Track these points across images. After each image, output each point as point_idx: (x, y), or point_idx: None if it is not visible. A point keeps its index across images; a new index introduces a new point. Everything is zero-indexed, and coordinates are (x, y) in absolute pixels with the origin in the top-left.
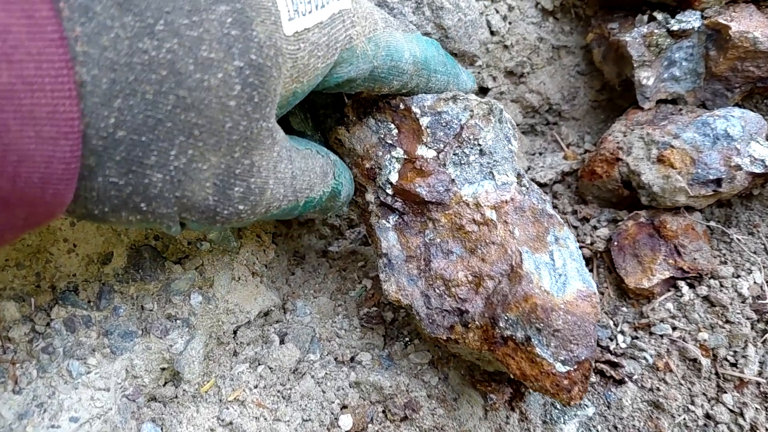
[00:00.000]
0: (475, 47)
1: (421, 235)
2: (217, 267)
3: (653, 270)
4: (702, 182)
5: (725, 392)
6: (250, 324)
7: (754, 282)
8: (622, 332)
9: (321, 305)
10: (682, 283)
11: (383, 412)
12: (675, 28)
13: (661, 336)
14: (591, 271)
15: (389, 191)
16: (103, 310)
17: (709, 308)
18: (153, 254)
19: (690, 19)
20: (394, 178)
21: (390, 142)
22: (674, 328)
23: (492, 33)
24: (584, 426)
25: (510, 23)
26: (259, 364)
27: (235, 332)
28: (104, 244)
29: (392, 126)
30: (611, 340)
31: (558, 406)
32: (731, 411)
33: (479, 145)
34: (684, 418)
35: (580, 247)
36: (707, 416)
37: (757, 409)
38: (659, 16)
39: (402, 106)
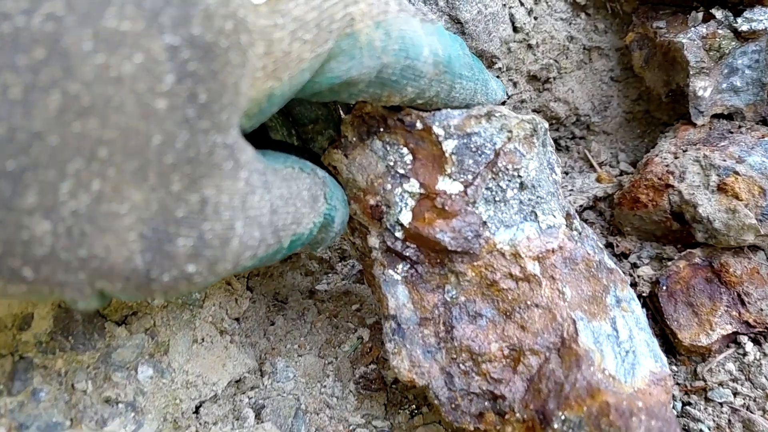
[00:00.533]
0: (496, 46)
1: (440, 292)
2: (173, 327)
3: (712, 323)
4: None
5: None
6: (216, 398)
7: None
8: (672, 397)
9: (307, 366)
10: (744, 339)
11: None
12: (744, 28)
13: (721, 404)
14: None
15: (399, 235)
16: (18, 394)
17: None
18: (88, 313)
19: (762, 18)
20: (406, 218)
21: (402, 171)
22: (736, 394)
23: (515, 29)
24: None
25: (536, 18)
26: None
27: (197, 409)
28: (22, 302)
29: (405, 151)
30: None
31: None
32: None
33: (519, 176)
34: None
35: None
36: None
37: None
38: (718, 13)
39: (419, 126)
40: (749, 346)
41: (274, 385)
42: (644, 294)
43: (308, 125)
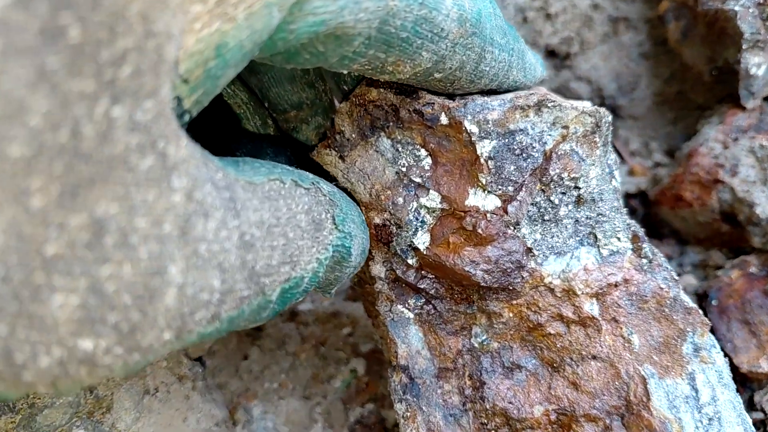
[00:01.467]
0: (509, 15)
1: (466, 336)
2: (117, 378)
3: None
4: None
5: None
6: None
7: None
8: None
9: (290, 411)
10: None
11: None
12: None
13: None
14: None
15: (412, 262)
16: None
17: None
18: None
19: None
20: (422, 242)
21: (418, 180)
22: None
23: None
24: None
25: None
26: None
27: None
28: None
29: (423, 153)
30: None
31: None
32: None
33: (577, 188)
34: None
35: None
36: None
37: None
38: None
39: (444, 120)
40: None
41: None
42: None
43: (289, 112)
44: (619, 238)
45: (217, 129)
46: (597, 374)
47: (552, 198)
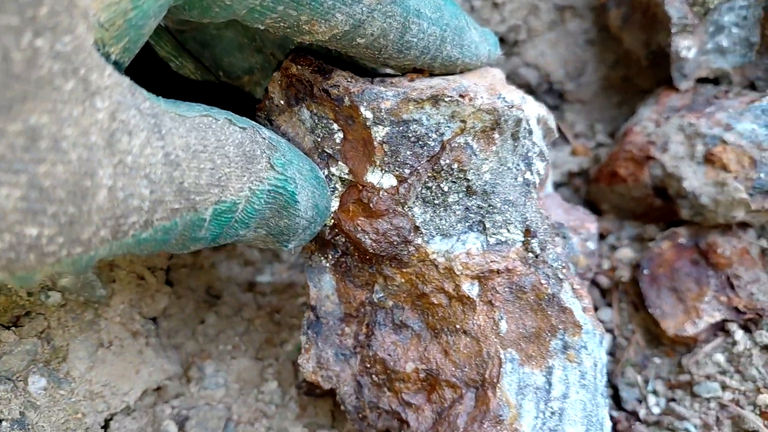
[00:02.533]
0: (457, 2)
1: (369, 290)
2: (72, 330)
3: (699, 310)
4: (766, 191)
5: None
6: (130, 409)
7: None
8: (654, 392)
9: (241, 370)
10: (734, 327)
11: None
12: None
13: (708, 399)
14: (610, 306)
15: (328, 222)
16: None
17: None
18: None
19: None
20: (334, 205)
21: (329, 151)
22: (725, 388)
23: None
24: None
25: None
26: None
27: (106, 424)
28: None
29: (335, 127)
30: (640, 402)
31: None
32: None
33: (466, 180)
34: None
35: (596, 273)
36: None
37: None
38: None
39: (347, 102)
40: (739, 334)
41: (201, 392)
42: (623, 279)
43: (243, 77)
44: (509, 230)
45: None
46: (464, 347)
47: (442, 185)
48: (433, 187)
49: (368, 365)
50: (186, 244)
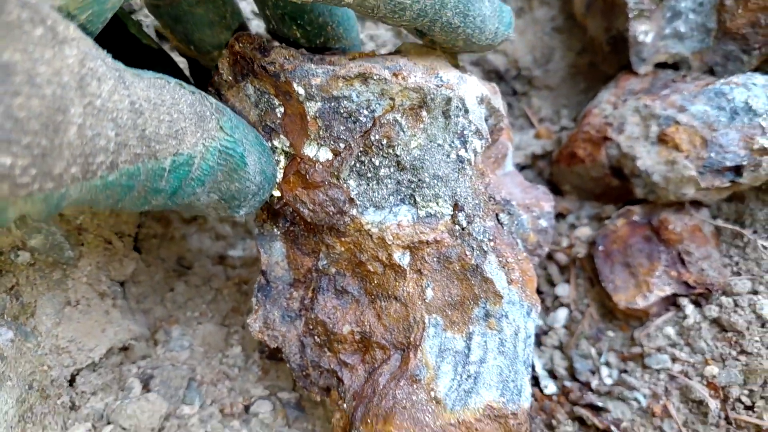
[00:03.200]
0: None
1: (315, 258)
2: (40, 288)
3: (650, 284)
4: (716, 170)
5: None
6: (95, 366)
7: None
8: (607, 364)
9: (207, 334)
10: (685, 301)
11: None
12: None
13: (658, 370)
14: (568, 282)
15: (275, 193)
16: None
17: (720, 334)
18: None
19: None
20: (278, 177)
21: (272, 125)
22: (675, 360)
23: None
24: None
25: None
26: (107, 423)
27: (72, 379)
28: None
29: (276, 102)
30: (593, 374)
31: None
32: None
33: (396, 155)
34: None
35: (554, 251)
36: None
37: None
38: None
39: (283, 78)
40: (689, 309)
41: (166, 354)
42: (579, 256)
43: (212, 52)
44: (438, 204)
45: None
46: (394, 312)
47: (373, 160)
48: (366, 161)
49: (311, 327)
50: (147, 198)
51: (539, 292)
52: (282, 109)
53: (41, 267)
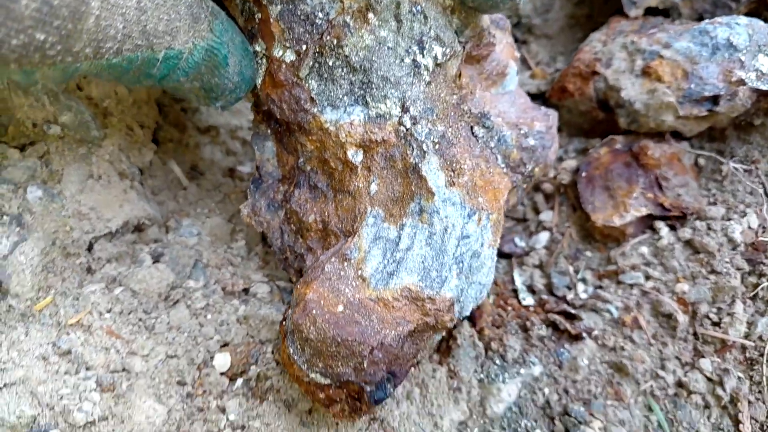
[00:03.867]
0: None
1: (296, 156)
2: (68, 158)
3: (627, 205)
4: (695, 99)
5: (703, 356)
6: (112, 237)
7: (748, 226)
8: (583, 281)
9: (214, 226)
10: (660, 224)
11: (272, 352)
12: None
13: (631, 286)
14: (552, 209)
15: (262, 95)
16: None
17: (692, 255)
18: None
19: None
20: (258, 80)
21: (253, 31)
22: (648, 278)
23: None
24: (528, 387)
25: None
26: (119, 285)
27: (91, 245)
28: None
29: (255, 8)
30: (569, 289)
31: (497, 362)
32: (709, 379)
33: (345, 56)
34: (651, 385)
35: (541, 182)
36: (679, 384)
37: (740, 377)
38: None
39: None
40: (664, 231)
41: (176, 239)
42: (564, 182)
43: None
44: (386, 105)
45: None
46: (347, 205)
47: (328, 60)
48: (322, 62)
49: (288, 216)
50: (140, 79)
51: (524, 220)
52: (260, 15)
53: (69, 142)
